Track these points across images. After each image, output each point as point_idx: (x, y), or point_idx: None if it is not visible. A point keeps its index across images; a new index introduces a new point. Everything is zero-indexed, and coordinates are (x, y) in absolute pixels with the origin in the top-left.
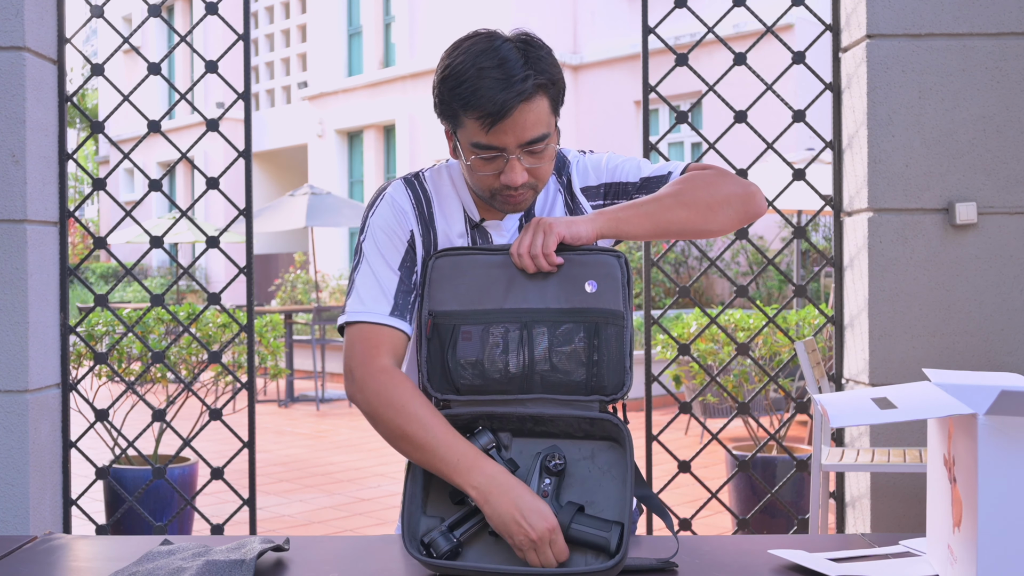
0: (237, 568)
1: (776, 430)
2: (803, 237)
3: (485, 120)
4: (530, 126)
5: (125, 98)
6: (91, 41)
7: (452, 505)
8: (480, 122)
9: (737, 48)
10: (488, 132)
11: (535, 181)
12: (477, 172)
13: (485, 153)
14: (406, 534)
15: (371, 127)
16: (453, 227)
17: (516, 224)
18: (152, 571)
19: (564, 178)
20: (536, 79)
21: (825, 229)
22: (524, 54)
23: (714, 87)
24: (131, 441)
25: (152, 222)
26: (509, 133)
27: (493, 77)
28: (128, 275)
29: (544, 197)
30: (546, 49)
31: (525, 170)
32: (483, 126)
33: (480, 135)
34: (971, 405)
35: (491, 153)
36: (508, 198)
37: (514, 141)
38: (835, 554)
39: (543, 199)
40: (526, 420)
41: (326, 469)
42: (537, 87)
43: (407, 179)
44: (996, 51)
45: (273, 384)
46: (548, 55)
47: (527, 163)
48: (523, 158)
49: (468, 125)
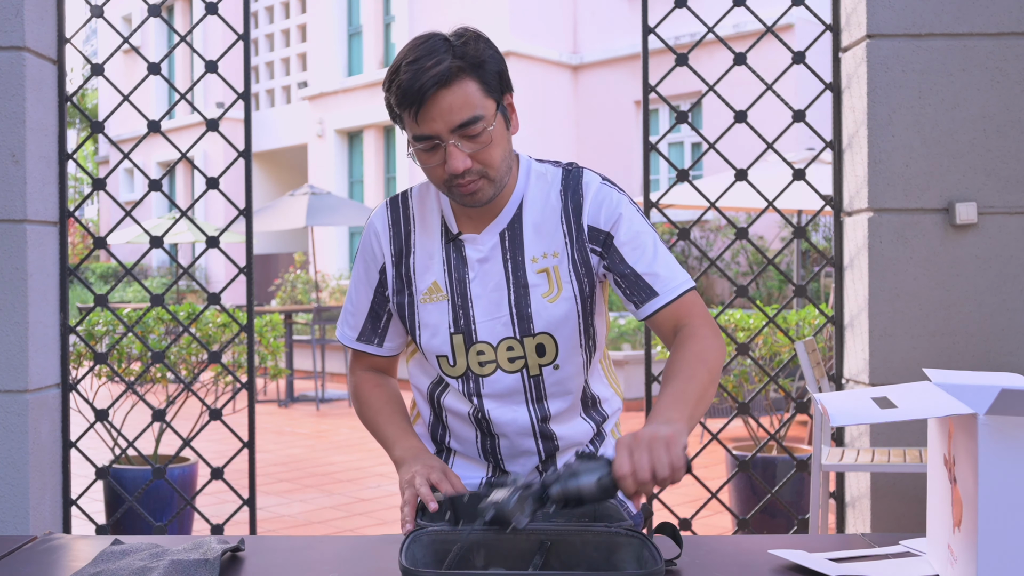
0: (203, 567)
1: (776, 430)
2: (803, 237)
3: (411, 110)
4: (456, 109)
5: (125, 98)
6: (91, 41)
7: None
8: (409, 113)
9: (737, 48)
10: (418, 122)
11: (483, 167)
12: (425, 166)
13: (423, 144)
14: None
15: (371, 127)
16: (433, 242)
17: (495, 240)
18: (115, 572)
19: (571, 196)
20: (453, 62)
21: (825, 229)
22: (448, 43)
23: (714, 87)
24: (131, 441)
25: (152, 222)
26: (437, 119)
27: (412, 69)
28: (128, 275)
29: (544, 203)
30: (480, 38)
31: (467, 156)
32: (411, 116)
33: (414, 127)
34: (971, 405)
35: (428, 143)
36: (459, 187)
37: (444, 127)
38: (835, 554)
39: (541, 205)
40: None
41: (326, 469)
42: (457, 69)
43: (393, 199)
44: (996, 51)
45: (273, 384)
46: (476, 41)
47: (467, 148)
48: (460, 143)
49: (406, 120)
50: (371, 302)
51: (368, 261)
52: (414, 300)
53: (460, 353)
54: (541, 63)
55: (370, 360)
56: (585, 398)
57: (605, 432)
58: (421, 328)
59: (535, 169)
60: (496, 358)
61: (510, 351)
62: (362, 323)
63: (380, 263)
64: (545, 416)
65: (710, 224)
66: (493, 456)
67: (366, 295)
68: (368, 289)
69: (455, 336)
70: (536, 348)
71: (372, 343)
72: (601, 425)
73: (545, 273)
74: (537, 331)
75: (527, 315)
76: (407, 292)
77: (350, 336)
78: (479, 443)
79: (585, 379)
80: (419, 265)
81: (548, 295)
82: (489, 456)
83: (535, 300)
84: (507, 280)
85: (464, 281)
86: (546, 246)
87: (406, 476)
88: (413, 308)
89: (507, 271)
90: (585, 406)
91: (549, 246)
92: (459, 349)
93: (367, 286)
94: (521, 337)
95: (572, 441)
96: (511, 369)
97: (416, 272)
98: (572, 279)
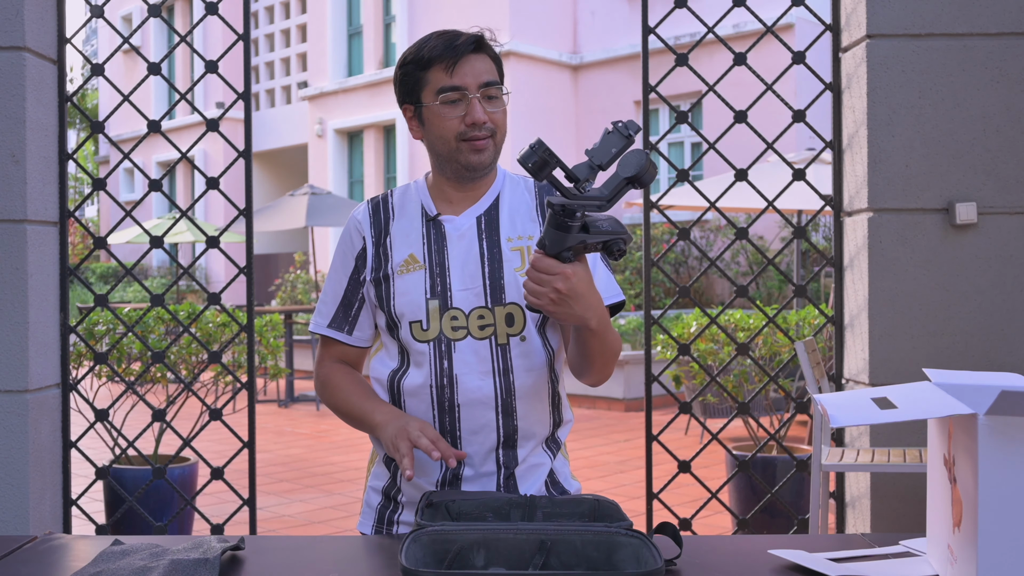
0: (202, 566)
1: (776, 430)
2: (803, 237)
3: (448, 64)
4: (484, 72)
5: (125, 98)
6: (91, 41)
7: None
8: (443, 66)
9: (737, 48)
10: (452, 74)
11: (494, 127)
12: (444, 118)
13: (451, 95)
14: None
15: (371, 127)
16: (412, 223)
17: (472, 222)
18: (115, 572)
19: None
20: (478, 41)
21: (825, 229)
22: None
23: (714, 87)
24: (131, 441)
25: (152, 222)
26: (468, 74)
27: (448, 35)
28: (128, 275)
29: (519, 200)
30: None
31: (485, 112)
32: (446, 69)
33: (445, 79)
34: (971, 405)
35: (456, 94)
36: (473, 140)
37: (473, 81)
38: (835, 554)
39: (516, 201)
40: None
41: (326, 469)
42: (481, 45)
43: (374, 198)
44: (996, 51)
45: (273, 384)
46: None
47: (486, 107)
48: (482, 102)
49: (431, 79)
50: (344, 289)
51: (346, 252)
52: (390, 274)
53: (435, 318)
54: (541, 63)
55: (339, 350)
56: (552, 389)
57: (560, 439)
58: (396, 296)
59: (510, 176)
60: (467, 324)
61: (481, 319)
62: (334, 311)
63: (358, 249)
64: (510, 390)
65: (710, 224)
66: (451, 433)
67: (340, 283)
68: (343, 277)
69: (431, 301)
70: (506, 317)
71: (342, 330)
72: (558, 429)
73: (519, 252)
74: (508, 301)
75: (500, 285)
76: (384, 268)
77: (320, 323)
78: (436, 421)
79: (550, 362)
80: (396, 242)
81: (520, 270)
82: (446, 434)
83: (507, 272)
84: (483, 255)
85: (443, 252)
86: (521, 231)
87: (391, 432)
88: (389, 280)
89: (483, 247)
90: (551, 397)
91: (524, 231)
92: (434, 314)
93: (342, 274)
94: (492, 306)
95: (530, 429)
96: (480, 336)
97: (393, 248)
98: None
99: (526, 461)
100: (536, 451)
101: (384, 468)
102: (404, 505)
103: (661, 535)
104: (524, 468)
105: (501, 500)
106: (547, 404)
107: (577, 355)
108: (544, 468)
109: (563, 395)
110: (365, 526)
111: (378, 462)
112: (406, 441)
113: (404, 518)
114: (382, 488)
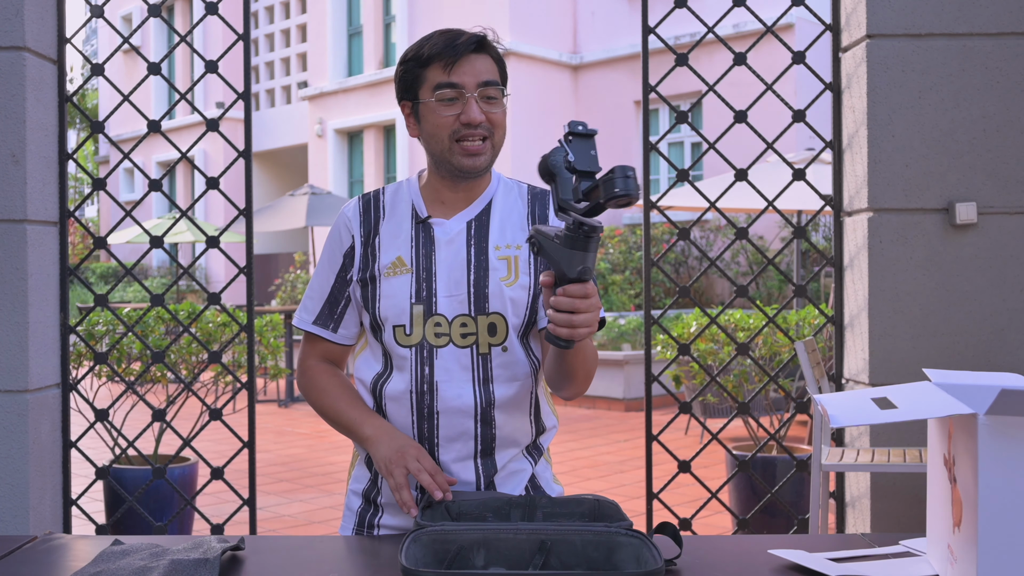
0: (202, 566)
1: (776, 430)
2: (803, 237)
3: (447, 62)
4: (483, 72)
5: (125, 98)
6: (91, 41)
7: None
8: (442, 64)
9: (737, 48)
10: (450, 72)
11: (491, 128)
12: (440, 115)
13: (447, 92)
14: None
15: (371, 127)
16: (401, 224)
17: (462, 227)
18: (115, 572)
19: (538, 206)
20: (480, 41)
21: (825, 229)
22: (474, 33)
23: (714, 87)
24: (131, 441)
25: (152, 222)
26: (467, 73)
27: (450, 34)
28: (128, 275)
29: (512, 207)
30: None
31: (483, 112)
32: (445, 67)
33: (443, 76)
34: (971, 405)
35: (453, 91)
36: (468, 139)
37: (472, 81)
38: (835, 554)
39: (508, 207)
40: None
41: (326, 469)
42: (483, 45)
43: (365, 194)
44: (996, 51)
45: (273, 384)
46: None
47: (484, 107)
48: (480, 102)
49: (430, 76)
50: (331, 287)
51: (334, 249)
52: (377, 275)
53: (418, 323)
54: (541, 63)
55: (323, 347)
56: (534, 399)
57: (543, 446)
58: (381, 299)
59: (504, 180)
60: (450, 332)
61: (463, 327)
62: (320, 307)
63: (346, 246)
64: (490, 400)
65: (710, 224)
66: (428, 440)
67: (327, 280)
68: (330, 274)
69: (415, 306)
70: (488, 327)
71: (327, 327)
72: (540, 436)
73: (506, 261)
74: (491, 310)
75: (484, 295)
76: (371, 269)
77: (306, 320)
78: (415, 428)
79: (535, 372)
80: (385, 243)
81: (506, 280)
82: (424, 440)
83: (493, 282)
84: (469, 263)
85: (430, 257)
86: (510, 239)
87: (385, 453)
88: (376, 282)
89: (470, 255)
90: (532, 407)
91: (512, 240)
92: (417, 319)
93: (329, 271)
94: (475, 315)
95: (510, 437)
96: (462, 344)
97: (381, 249)
98: (530, 271)
99: (505, 468)
100: (517, 458)
101: (365, 469)
102: (384, 508)
103: (661, 535)
104: (504, 475)
105: (501, 500)
106: (528, 414)
107: (556, 371)
108: (524, 474)
109: (545, 403)
110: (346, 529)
111: (359, 464)
112: (402, 469)
113: (384, 521)
114: (362, 491)
